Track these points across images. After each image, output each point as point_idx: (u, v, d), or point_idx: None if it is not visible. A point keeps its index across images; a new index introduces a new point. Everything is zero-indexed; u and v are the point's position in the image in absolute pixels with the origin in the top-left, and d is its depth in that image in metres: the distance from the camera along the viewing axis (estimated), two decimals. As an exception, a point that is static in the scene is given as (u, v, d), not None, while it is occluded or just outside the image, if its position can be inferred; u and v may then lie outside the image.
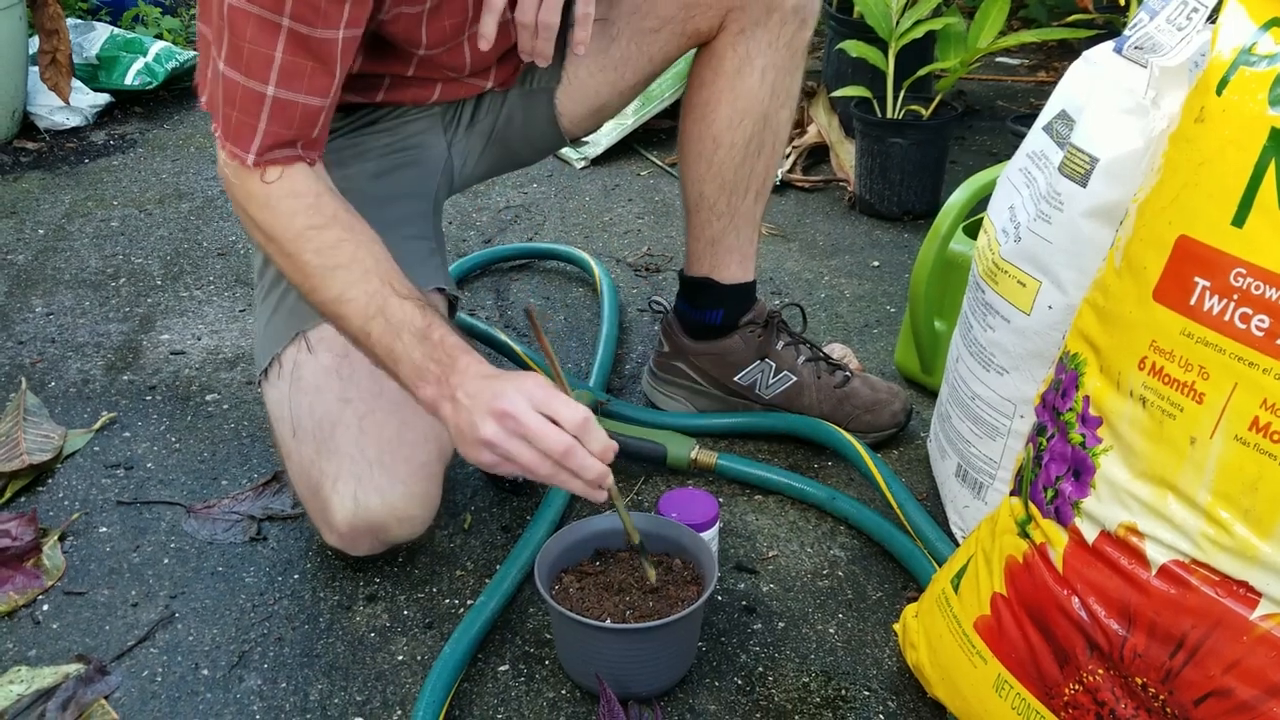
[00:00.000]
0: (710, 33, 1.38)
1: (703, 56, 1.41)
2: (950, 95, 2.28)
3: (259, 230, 1.12)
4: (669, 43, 1.39)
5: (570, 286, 1.96)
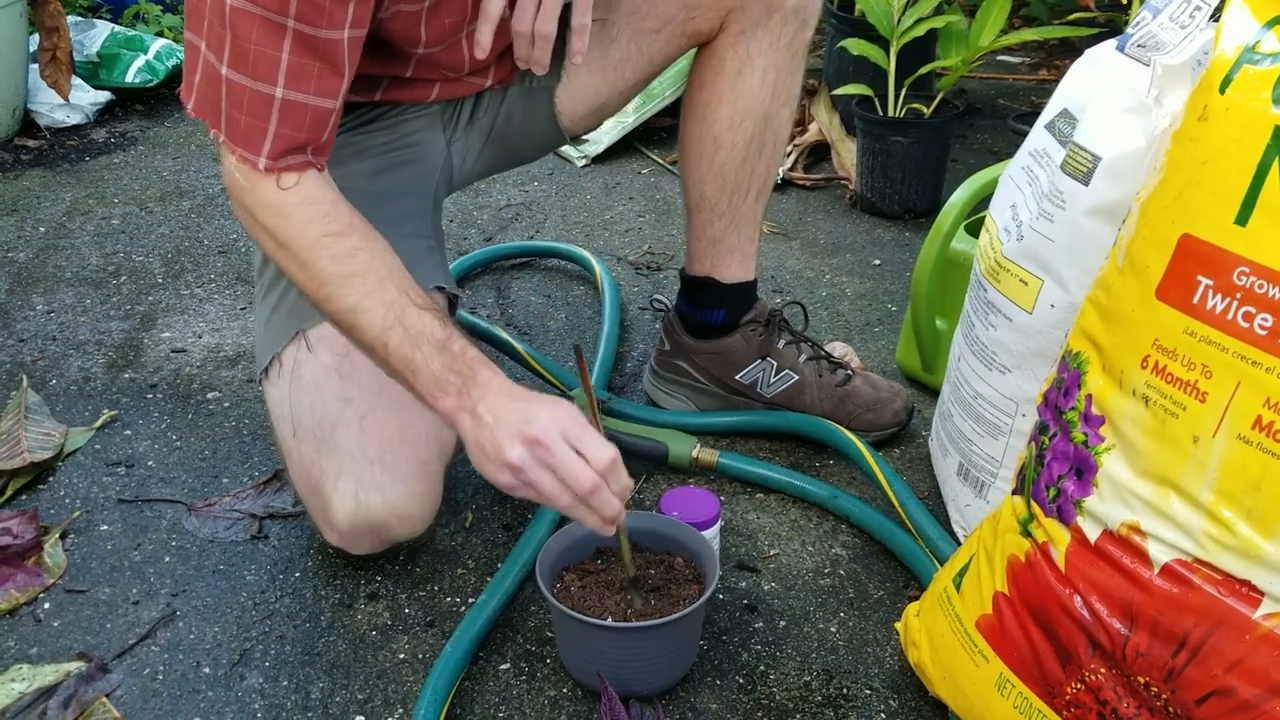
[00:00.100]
0: (711, 33, 1.38)
1: (703, 57, 1.41)
2: (951, 93, 2.28)
3: (270, 238, 1.11)
4: (669, 43, 1.39)
5: (571, 285, 1.96)
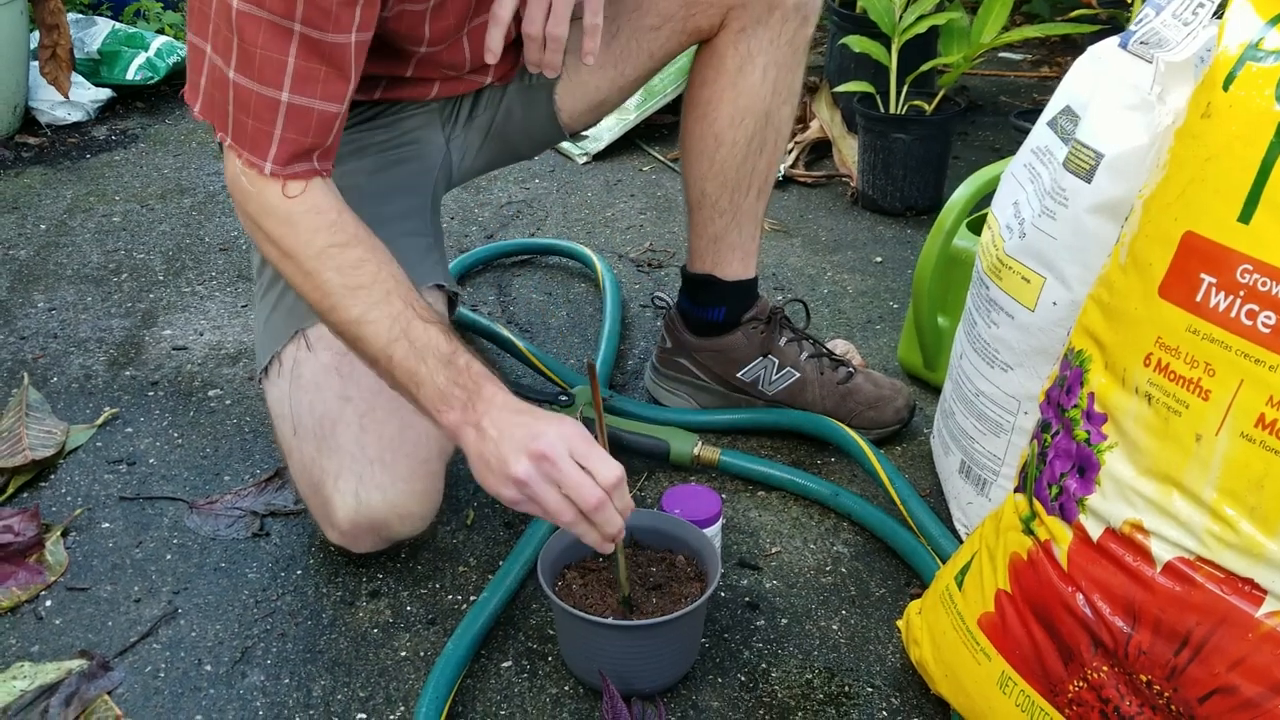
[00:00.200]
0: (711, 30, 1.38)
1: (704, 54, 1.40)
2: (953, 90, 2.27)
3: (275, 246, 1.09)
4: (670, 40, 1.39)
5: (572, 282, 1.96)
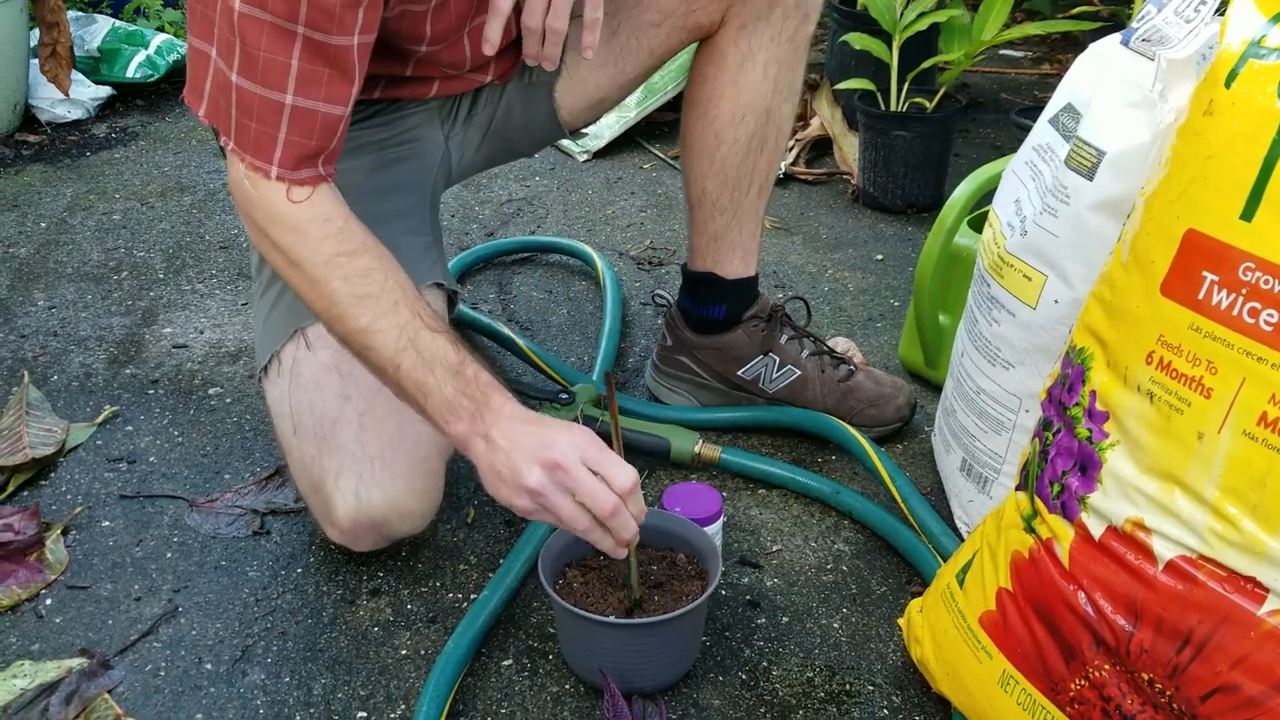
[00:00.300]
0: (711, 27, 1.37)
1: (705, 52, 1.40)
2: (954, 88, 2.27)
3: (281, 254, 1.08)
4: (670, 37, 1.38)
5: (573, 280, 1.96)
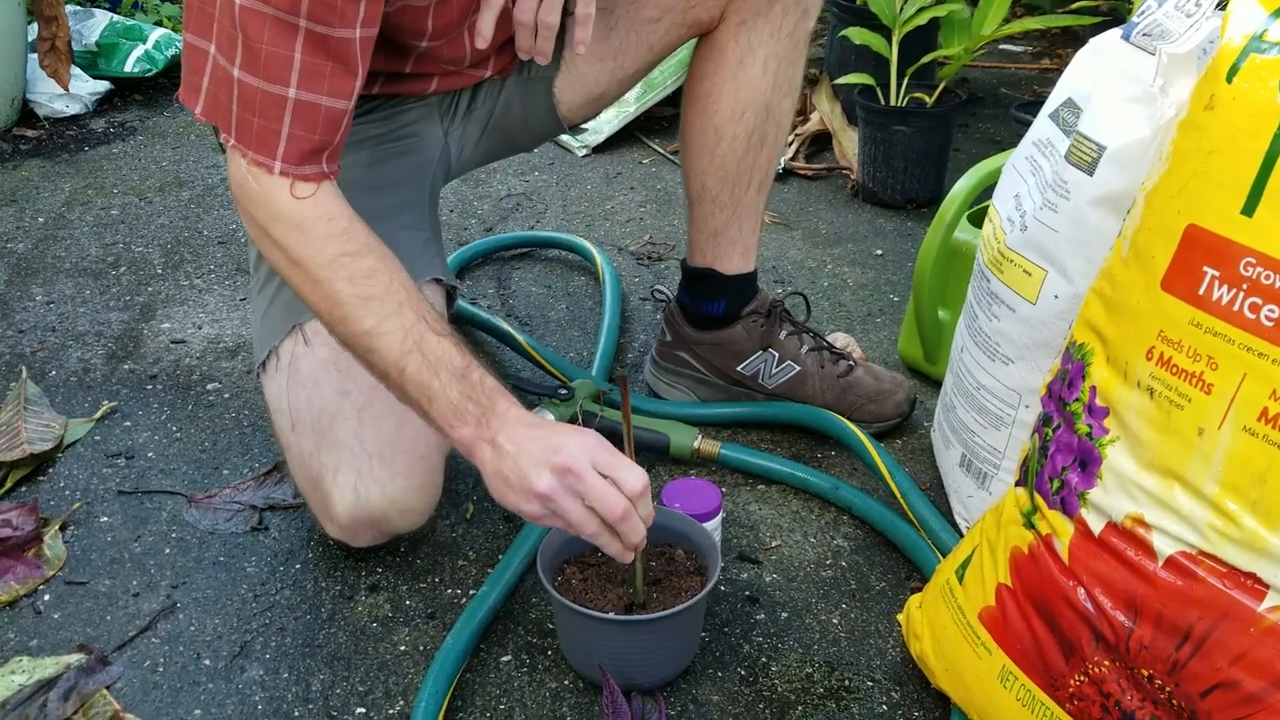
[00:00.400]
0: (711, 23, 1.37)
1: (704, 47, 1.40)
2: (954, 82, 2.27)
3: (283, 253, 1.06)
4: (669, 32, 1.38)
5: (572, 275, 1.96)
